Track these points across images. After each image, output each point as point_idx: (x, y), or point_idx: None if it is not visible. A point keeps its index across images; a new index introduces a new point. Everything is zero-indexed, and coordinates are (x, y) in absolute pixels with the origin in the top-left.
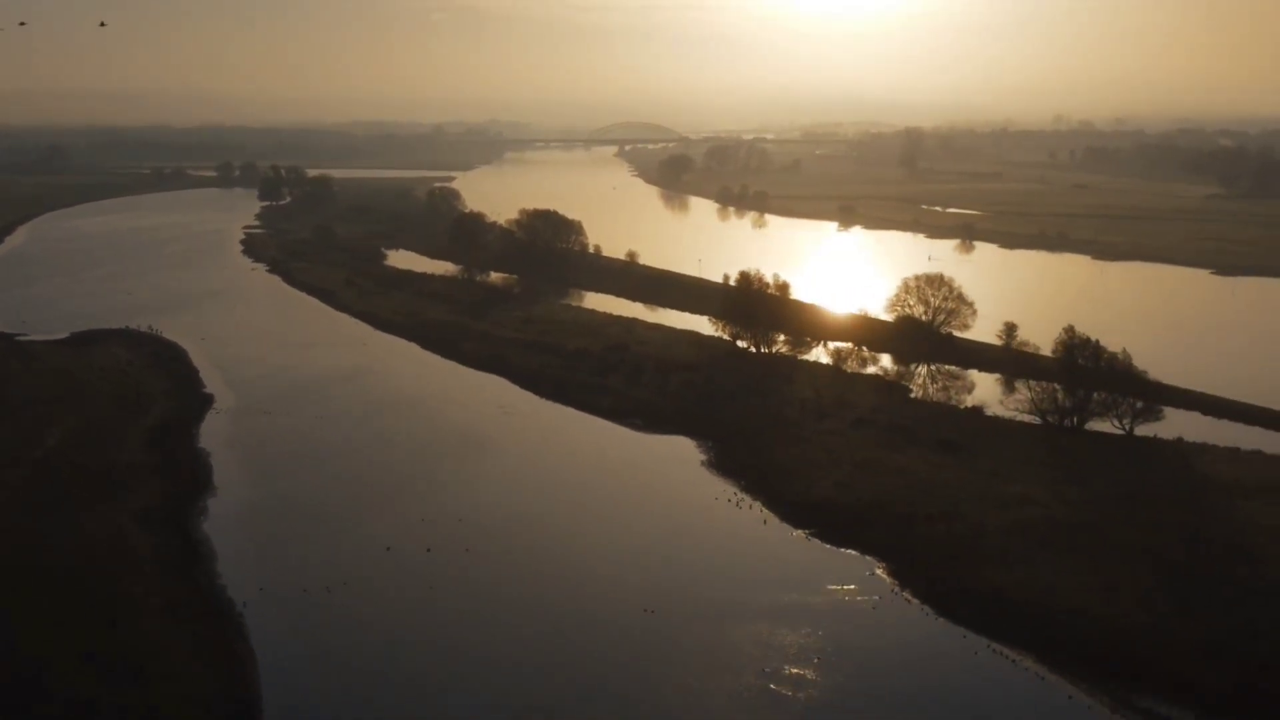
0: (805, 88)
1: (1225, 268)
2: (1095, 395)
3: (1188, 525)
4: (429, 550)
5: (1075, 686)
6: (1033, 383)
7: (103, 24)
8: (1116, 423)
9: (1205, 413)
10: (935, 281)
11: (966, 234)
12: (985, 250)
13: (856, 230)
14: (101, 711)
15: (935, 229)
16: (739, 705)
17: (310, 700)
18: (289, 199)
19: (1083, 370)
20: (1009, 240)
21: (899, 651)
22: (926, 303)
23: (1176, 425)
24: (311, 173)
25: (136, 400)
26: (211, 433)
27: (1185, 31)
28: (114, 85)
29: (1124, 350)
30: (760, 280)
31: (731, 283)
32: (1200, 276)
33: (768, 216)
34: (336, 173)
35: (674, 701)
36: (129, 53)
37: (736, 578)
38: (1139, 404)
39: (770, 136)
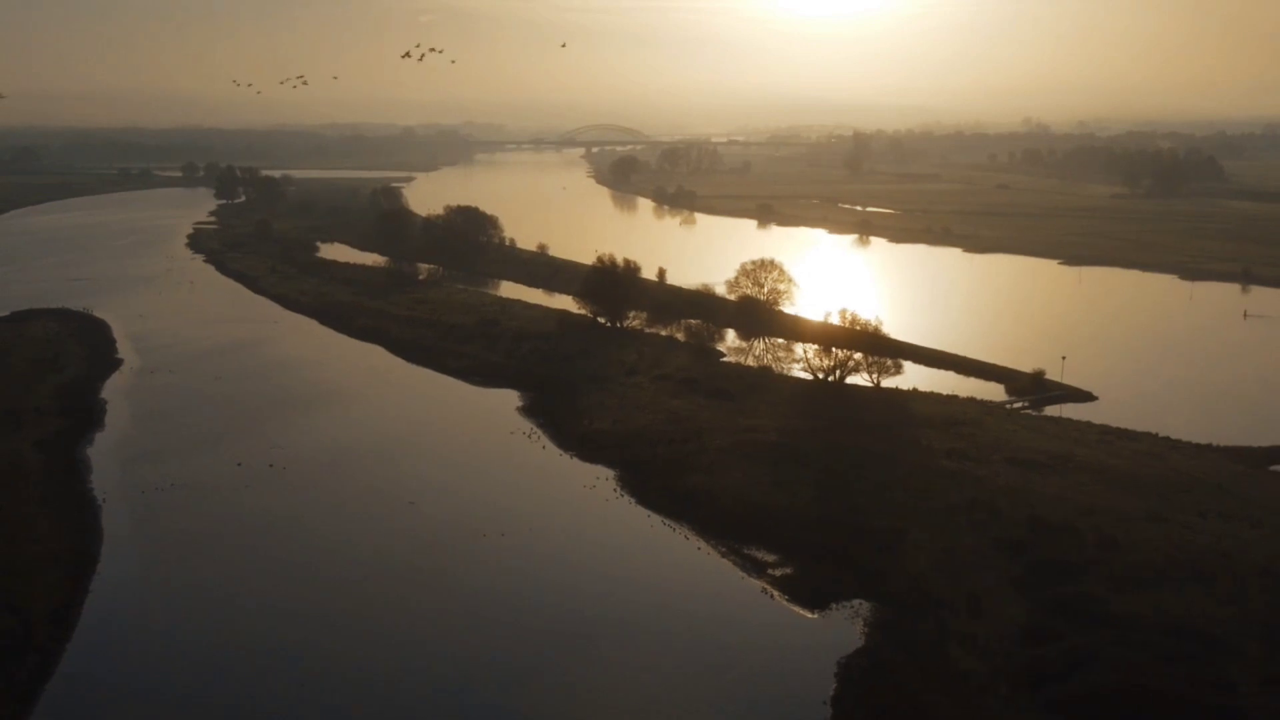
0: (787, 90)
1: (1073, 259)
2: (857, 356)
3: (859, 445)
4: (270, 466)
5: (708, 543)
6: (806, 345)
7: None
8: (867, 377)
9: (959, 371)
10: (767, 265)
11: (864, 230)
12: (876, 244)
13: (771, 227)
14: None
15: (840, 225)
16: (464, 553)
17: (134, 555)
18: (244, 198)
19: (838, 333)
20: (899, 235)
21: (599, 527)
22: (760, 283)
23: (922, 379)
24: (275, 173)
25: (54, 362)
26: (114, 387)
27: (1166, 37)
28: (90, 87)
29: (877, 318)
30: (613, 263)
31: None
32: (1047, 265)
33: (696, 215)
34: (301, 173)
35: (414, 554)
36: (107, 54)
37: (495, 481)
38: (887, 362)
39: (740, 139)
